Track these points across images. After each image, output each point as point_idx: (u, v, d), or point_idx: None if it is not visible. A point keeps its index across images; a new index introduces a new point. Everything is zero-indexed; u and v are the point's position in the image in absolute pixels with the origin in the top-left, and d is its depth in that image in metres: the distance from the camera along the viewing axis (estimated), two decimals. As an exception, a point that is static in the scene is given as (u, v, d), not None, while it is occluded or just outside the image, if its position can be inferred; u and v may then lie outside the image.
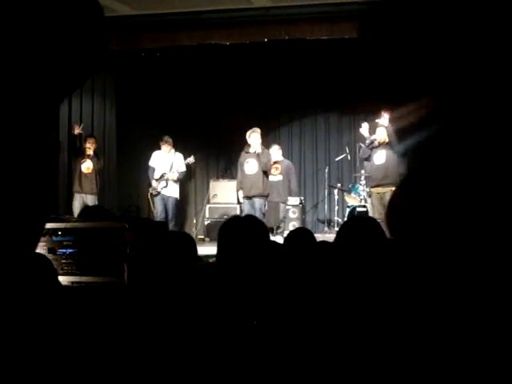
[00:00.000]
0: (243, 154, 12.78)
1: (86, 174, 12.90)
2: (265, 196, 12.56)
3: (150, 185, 13.41)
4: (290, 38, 12.70)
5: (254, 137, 12.62)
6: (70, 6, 1.14)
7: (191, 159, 13.58)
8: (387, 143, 11.63)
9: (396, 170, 11.71)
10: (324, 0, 11.79)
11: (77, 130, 13.01)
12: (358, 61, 15.05)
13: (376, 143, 11.77)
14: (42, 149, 1.15)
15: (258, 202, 12.42)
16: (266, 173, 12.63)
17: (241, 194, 12.66)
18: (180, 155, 13.63)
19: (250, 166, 12.55)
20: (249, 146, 12.67)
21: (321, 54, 14.83)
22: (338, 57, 14.97)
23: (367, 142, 12.10)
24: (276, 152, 13.66)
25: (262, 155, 12.50)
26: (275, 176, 13.57)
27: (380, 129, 11.76)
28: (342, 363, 2.66)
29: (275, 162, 13.58)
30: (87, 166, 12.91)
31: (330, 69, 15.41)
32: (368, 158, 12.07)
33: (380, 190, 11.59)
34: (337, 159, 15.19)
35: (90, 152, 12.93)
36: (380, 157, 11.66)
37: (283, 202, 13.74)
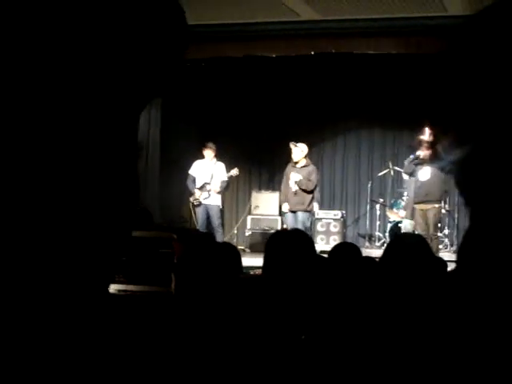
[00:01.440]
0: (289, 165, 12.80)
1: None
2: (308, 211, 12.54)
3: (190, 194, 13.40)
4: (336, 51, 12.70)
5: (293, 151, 12.67)
6: (155, 13, 1.15)
7: (235, 171, 13.56)
8: (431, 160, 11.52)
9: (440, 187, 11.63)
10: (371, 15, 11.76)
11: None
12: (404, 76, 15.00)
13: (420, 159, 11.67)
14: (129, 157, 1.15)
15: (301, 215, 12.42)
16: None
17: (285, 206, 12.64)
18: (221, 164, 13.62)
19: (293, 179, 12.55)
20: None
21: (366, 69, 14.80)
22: (383, 71, 14.92)
23: (411, 157, 12.02)
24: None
25: (304, 172, 12.54)
26: None
27: (426, 145, 11.65)
28: (389, 379, 2.65)
29: None
30: None
31: (376, 83, 15.36)
32: (412, 174, 11.97)
33: (423, 206, 11.51)
34: (379, 174, 15.12)
35: None
36: (425, 173, 11.57)
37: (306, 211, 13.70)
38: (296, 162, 12.66)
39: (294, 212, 12.43)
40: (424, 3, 10.95)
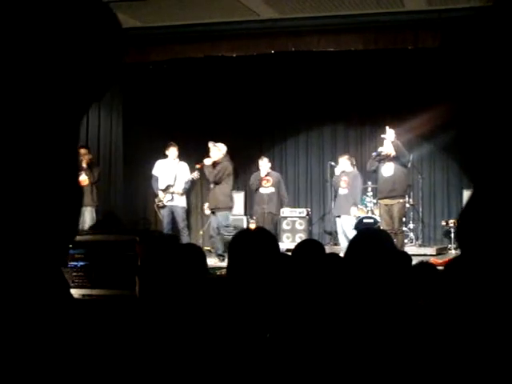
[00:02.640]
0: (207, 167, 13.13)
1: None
2: (219, 208, 12.88)
3: (155, 195, 13.36)
4: (296, 49, 12.74)
5: (212, 150, 13.09)
6: (88, 18, 1.14)
7: (196, 175, 13.59)
8: (394, 156, 11.64)
9: (404, 183, 11.76)
10: (330, 12, 11.81)
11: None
12: (364, 74, 15.08)
13: (383, 155, 11.76)
14: (68, 164, 1.15)
15: (219, 215, 12.82)
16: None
17: (206, 206, 13.29)
18: (184, 164, 13.61)
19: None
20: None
21: (327, 66, 14.86)
22: (344, 69, 14.99)
23: (374, 154, 12.11)
24: (266, 164, 13.71)
25: (218, 167, 12.90)
26: (267, 188, 13.64)
27: (387, 142, 11.75)
28: (354, 375, 2.66)
29: (266, 175, 13.65)
30: (83, 179, 12.92)
31: (337, 81, 15.43)
32: (376, 170, 12.06)
33: (388, 201, 11.62)
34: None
35: (84, 164, 12.90)
36: (388, 169, 11.67)
37: (276, 215, 13.81)
38: (214, 162, 12.88)
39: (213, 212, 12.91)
40: (382, -1, 11.04)
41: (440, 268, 4.50)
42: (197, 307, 3.16)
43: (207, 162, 12.86)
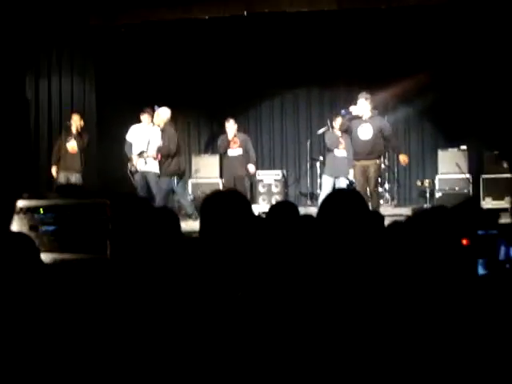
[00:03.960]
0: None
1: (70, 153, 12.93)
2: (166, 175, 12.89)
3: (128, 160, 13.31)
4: (269, 10, 12.66)
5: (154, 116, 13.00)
6: None
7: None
8: (371, 117, 11.54)
9: (382, 145, 11.65)
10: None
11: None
12: (338, 35, 15.02)
13: (353, 115, 11.62)
14: (14, 115, 1.13)
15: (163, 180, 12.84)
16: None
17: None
18: (158, 129, 13.58)
19: None
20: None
21: (301, 28, 14.76)
22: (318, 31, 14.91)
23: (343, 112, 11.98)
24: (232, 126, 13.67)
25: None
26: (235, 150, 13.62)
27: (361, 101, 11.61)
28: (323, 336, 2.67)
29: (234, 136, 13.63)
30: (72, 145, 12.94)
31: (311, 43, 15.36)
32: (348, 130, 11.91)
33: (364, 162, 11.49)
34: (318, 132, 15.16)
35: (73, 130, 12.95)
36: (365, 132, 11.51)
37: (247, 175, 13.79)
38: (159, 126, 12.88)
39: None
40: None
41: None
42: (169, 269, 3.16)
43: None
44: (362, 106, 11.52)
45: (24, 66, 13.01)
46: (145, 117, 13.39)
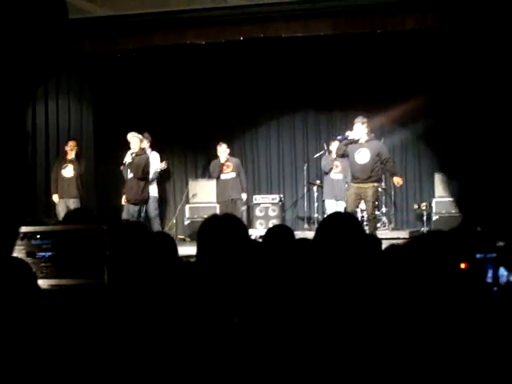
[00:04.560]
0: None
1: (67, 179, 12.94)
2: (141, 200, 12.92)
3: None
4: (265, 35, 12.71)
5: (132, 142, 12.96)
6: (33, 5, 1.13)
7: (163, 165, 13.63)
8: (367, 141, 11.58)
9: (380, 169, 11.69)
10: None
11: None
12: (334, 59, 15.08)
13: (350, 140, 11.67)
14: (14, 148, 1.13)
15: (132, 207, 12.82)
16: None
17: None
18: (156, 154, 13.59)
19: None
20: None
21: (297, 52, 14.84)
22: (314, 55, 14.98)
23: (339, 137, 12.06)
24: (224, 150, 13.76)
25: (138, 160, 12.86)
26: (228, 174, 13.67)
27: (357, 126, 11.65)
28: (321, 359, 2.67)
29: (226, 160, 13.68)
30: (69, 171, 12.95)
31: (307, 67, 15.41)
32: (344, 155, 11.95)
33: (362, 185, 11.53)
34: (315, 156, 15.19)
35: (72, 155, 12.97)
36: (363, 156, 11.54)
37: (240, 199, 13.81)
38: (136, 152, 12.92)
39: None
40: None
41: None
42: (166, 294, 3.16)
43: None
44: (359, 130, 11.56)
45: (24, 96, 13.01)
46: (143, 143, 13.42)
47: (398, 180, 12.12)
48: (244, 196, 13.81)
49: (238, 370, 2.63)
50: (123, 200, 12.98)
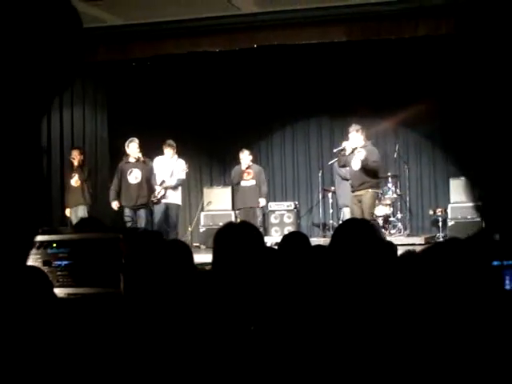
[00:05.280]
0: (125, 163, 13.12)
1: (74, 188, 12.98)
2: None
3: (152, 191, 13.28)
4: (279, 43, 12.71)
5: (131, 146, 12.95)
6: (48, 16, 1.13)
7: (185, 168, 13.58)
8: (362, 147, 11.68)
9: (373, 174, 11.74)
10: (312, 4, 11.79)
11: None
12: (348, 65, 15.07)
13: (347, 151, 11.81)
14: (29, 159, 1.14)
15: (143, 211, 12.91)
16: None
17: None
18: (182, 161, 13.55)
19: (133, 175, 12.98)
20: (128, 155, 13.06)
21: (311, 59, 14.85)
22: (328, 61, 14.99)
23: (335, 151, 12.23)
24: (246, 157, 13.67)
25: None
26: (248, 181, 13.62)
27: (352, 134, 11.77)
28: (339, 367, 2.66)
29: (247, 167, 13.63)
30: (75, 180, 12.99)
31: (321, 73, 15.42)
32: (346, 165, 12.11)
33: (358, 193, 11.64)
34: (330, 163, 15.18)
35: (75, 164, 12.99)
36: (356, 162, 11.66)
37: (258, 207, 13.76)
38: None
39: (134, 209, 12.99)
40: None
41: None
42: (182, 302, 3.16)
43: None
44: (355, 138, 11.70)
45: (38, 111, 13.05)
46: (167, 150, 13.41)
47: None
48: (261, 202, 13.72)
49: (255, 377, 2.63)
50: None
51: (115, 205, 12.96)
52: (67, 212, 13.04)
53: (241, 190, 13.72)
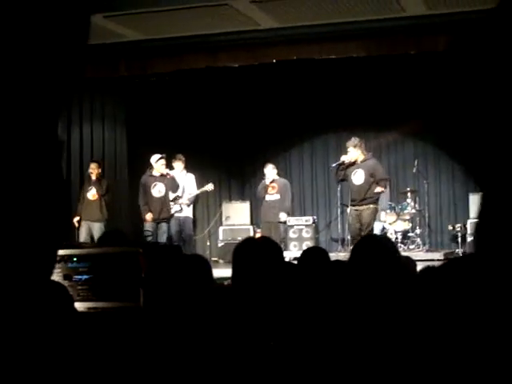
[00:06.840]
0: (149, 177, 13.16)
1: (91, 201, 12.94)
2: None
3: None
4: (298, 58, 12.74)
5: (159, 163, 13.07)
6: (58, 22, 1.13)
7: (210, 186, 13.63)
8: (363, 161, 11.76)
9: (375, 190, 11.81)
10: (330, 20, 11.80)
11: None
12: (366, 80, 15.08)
13: (346, 164, 11.90)
14: (53, 172, 1.14)
15: (165, 225, 12.95)
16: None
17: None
18: (192, 176, 13.61)
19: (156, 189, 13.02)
20: (152, 168, 13.19)
21: (330, 74, 14.86)
22: (347, 76, 15.00)
23: (333, 165, 12.32)
24: (271, 171, 13.67)
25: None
26: (272, 195, 13.61)
27: (350, 149, 11.86)
28: (358, 381, 2.65)
29: (272, 181, 13.62)
30: (92, 193, 12.97)
31: (340, 88, 15.44)
32: (344, 179, 12.18)
33: (358, 208, 11.71)
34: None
35: (93, 177, 12.98)
36: (358, 177, 11.73)
37: (280, 222, 13.75)
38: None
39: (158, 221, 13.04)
40: (382, 5, 11.00)
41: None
42: (202, 317, 3.16)
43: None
44: (353, 152, 11.79)
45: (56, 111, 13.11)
46: (177, 164, 13.47)
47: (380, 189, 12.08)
48: (283, 216, 13.71)
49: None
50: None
51: (149, 216, 12.92)
52: (75, 221, 12.89)
53: (264, 205, 13.73)
